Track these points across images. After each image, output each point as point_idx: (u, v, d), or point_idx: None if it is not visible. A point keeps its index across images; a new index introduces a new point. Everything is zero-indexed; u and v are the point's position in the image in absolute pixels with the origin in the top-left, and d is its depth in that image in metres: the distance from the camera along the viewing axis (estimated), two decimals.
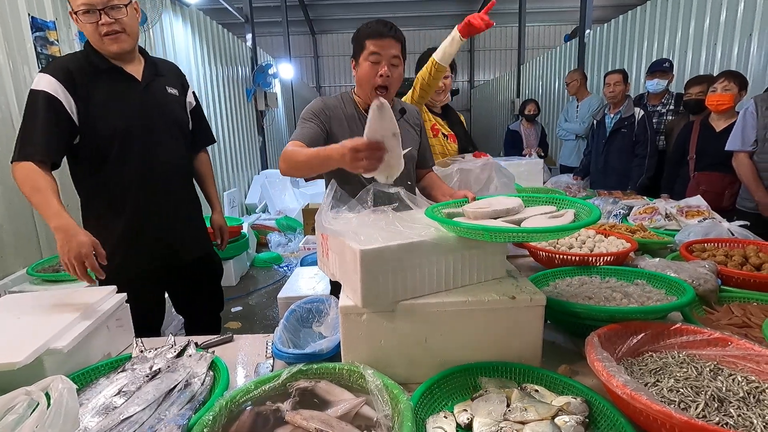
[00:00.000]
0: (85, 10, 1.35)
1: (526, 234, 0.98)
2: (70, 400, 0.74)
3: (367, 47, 1.39)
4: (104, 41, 1.40)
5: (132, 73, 1.49)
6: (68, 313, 1.06)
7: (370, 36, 1.39)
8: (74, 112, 1.39)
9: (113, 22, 1.38)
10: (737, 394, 0.76)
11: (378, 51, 1.38)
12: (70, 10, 1.41)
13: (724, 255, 1.45)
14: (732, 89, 2.55)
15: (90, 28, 1.38)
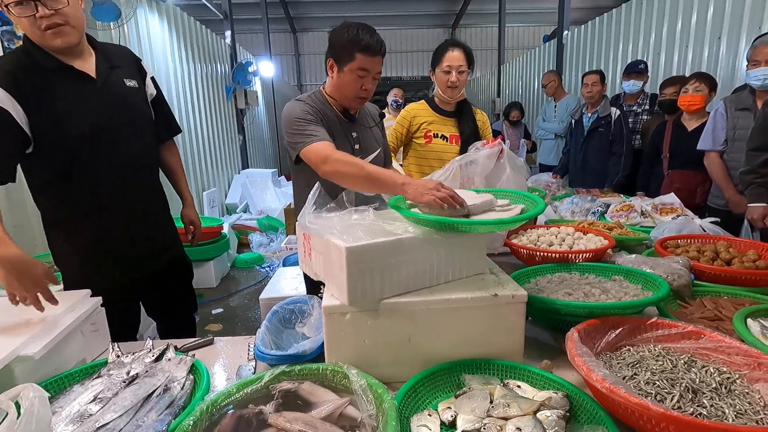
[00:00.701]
0: (18, 1, 1.18)
1: (468, 225, 1.01)
2: (41, 408, 0.71)
3: (356, 59, 1.38)
4: (45, 36, 1.24)
5: (85, 70, 1.33)
6: (40, 319, 1.02)
7: (362, 51, 1.37)
8: (24, 122, 1.23)
9: (53, 14, 1.21)
10: (710, 384, 0.79)
11: (367, 67, 1.40)
12: (0, 3, 1.22)
13: (697, 251, 1.50)
14: (703, 90, 2.64)
15: (26, 22, 1.22)
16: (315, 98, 1.50)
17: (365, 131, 1.59)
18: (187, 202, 1.72)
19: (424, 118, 2.09)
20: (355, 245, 0.90)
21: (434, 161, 2.06)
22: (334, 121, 1.50)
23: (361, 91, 1.44)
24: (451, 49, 1.94)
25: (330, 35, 1.44)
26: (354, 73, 1.40)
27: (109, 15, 2.80)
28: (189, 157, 4.81)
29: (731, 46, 3.34)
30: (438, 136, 2.08)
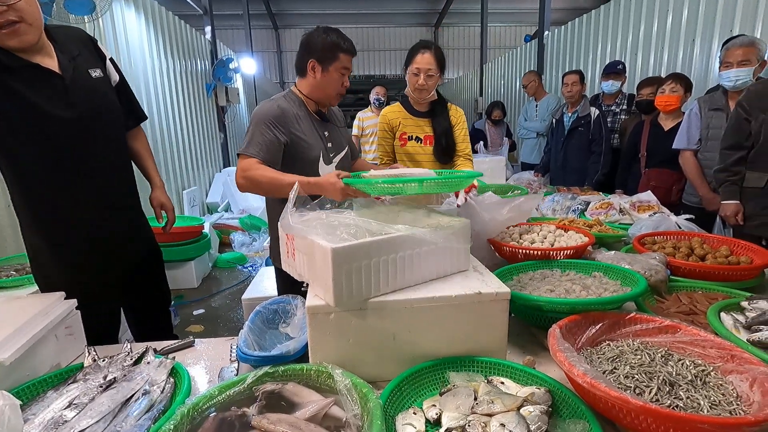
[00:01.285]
0: None
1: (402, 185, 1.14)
2: (12, 417, 0.68)
3: (341, 60, 1.51)
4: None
5: (49, 66, 1.27)
6: (10, 322, 0.98)
7: (346, 52, 1.52)
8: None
9: (5, 10, 1.13)
10: (686, 377, 0.81)
11: (348, 67, 1.55)
12: None
13: (673, 247, 1.55)
14: (678, 91, 2.72)
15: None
16: (290, 99, 1.56)
17: (336, 130, 1.68)
18: (156, 185, 1.67)
19: (399, 120, 2.10)
20: (341, 246, 0.89)
21: (408, 163, 2.08)
22: (308, 119, 1.57)
23: (341, 88, 1.57)
24: (421, 52, 1.93)
25: (308, 39, 1.52)
26: (338, 72, 1.53)
27: (82, 8, 2.71)
28: (168, 156, 4.71)
29: (704, 48, 3.44)
30: (413, 138, 2.08)
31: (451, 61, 13.38)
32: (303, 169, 1.48)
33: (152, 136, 4.29)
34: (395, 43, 12.79)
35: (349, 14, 11.35)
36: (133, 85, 4.01)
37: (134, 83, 3.98)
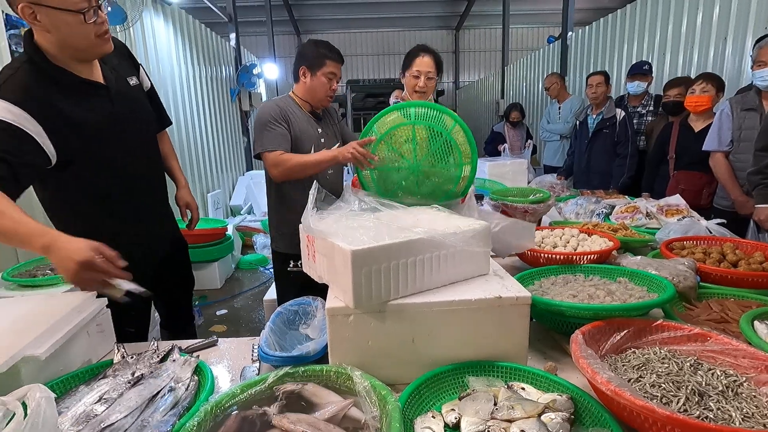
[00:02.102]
0: (83, 10, 1.13)
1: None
2: (48, 409, 0.71)
3: (327, 66, 1.73)
4: (97, 42, 1.21)
5: (94, 79, 1.30)
6: (46, 319, 1.03)
7: (332, 59, 1.74)
8: (43, 140, 1.16)
9: (104, 21, 1.20)
10: (716, 388, 0.78)
11: (335, 72, 1.76)
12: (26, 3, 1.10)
13: (703, 252, 1.49)
14: (710, 91, 2.62)
15: (84, 31, 1.17)
16: (286, 101, 1.79)
17: (329, 127, 1.90)
18: (181, 184, 1.74)
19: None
20: (360, 248, 0.90)
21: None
22: (304, 120, 1.79)
23: (330, 91, 1.78)
24: (421, 55, 1.99)
25: (301, 49, 1.78)
26: (326, 77, 1.74)
27: (115, 18, 2.83)
28: (194, 159, 4.84)
29: (737, 47, 3.31)
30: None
31: (472, 63, 13.32)
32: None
33: (179, 140, 4.42)
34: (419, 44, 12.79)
35: (370, 19, 11.43)
36: (162, 91, 4.16)
37: (162, 89, 4.12)
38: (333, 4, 10.73)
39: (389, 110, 1.54)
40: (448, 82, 13.38)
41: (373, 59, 12.81)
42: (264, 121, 1.70)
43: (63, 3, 1.12)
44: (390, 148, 1.53)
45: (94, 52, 1.25)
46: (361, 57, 12.66)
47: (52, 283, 1.96)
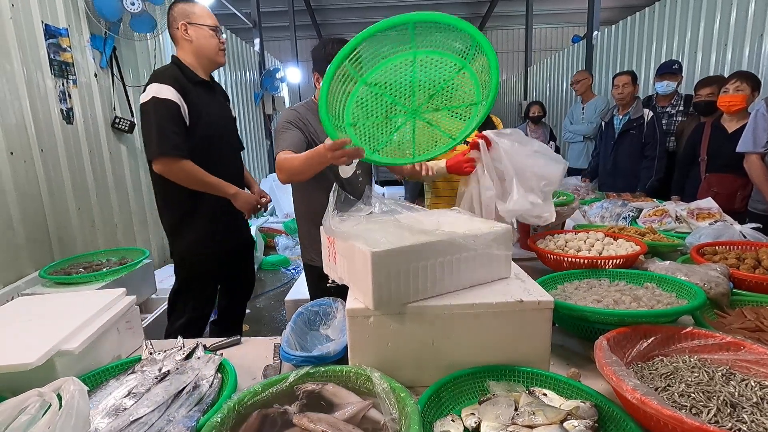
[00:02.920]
0: (216, 29, 1.85)
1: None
2: (81, 401, 0.74)
3: None
4: (218, 54, 1.88)
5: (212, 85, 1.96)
6: (79, 315, 1.08)
7: None
8: (185, 114, 1.77)
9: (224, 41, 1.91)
10: (750, 399, 0.75)
11: None
12: (184, 23, 1.80)
13: (736, 258, 1.43)
14: (744, 90, 2.52)
15: (214, 42, 1.85)
16: (308, 106, 1.70)
17: None
18: (255, 182, 2.27)
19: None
20: (381, 250, 0.91)
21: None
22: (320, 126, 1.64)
23: None
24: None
25: (312, 52, 1.62)
26: None
27: (145, 26, 2.93)
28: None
29: None
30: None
31: None
32: (321, 173, 1.57)
33: None
34: None
35: None
36: None
37: None
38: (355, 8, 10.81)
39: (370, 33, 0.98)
40: None
41: None
42: (279, 127, 1.63)
43: (204, 21, 1.83)
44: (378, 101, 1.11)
45: (215, 60, 1.89)
46: None
47: (85, 281, 2.04)
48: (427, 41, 1.02)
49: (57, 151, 2.47)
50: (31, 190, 2.28)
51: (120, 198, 3.03)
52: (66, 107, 2.55)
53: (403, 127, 1.21)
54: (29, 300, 1.25)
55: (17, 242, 2.18)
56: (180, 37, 1.82)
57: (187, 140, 1.75)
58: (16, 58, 2.23)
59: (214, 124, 1.86)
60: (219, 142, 1.89)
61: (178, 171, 1.75)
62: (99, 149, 2.85)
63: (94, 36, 2.81)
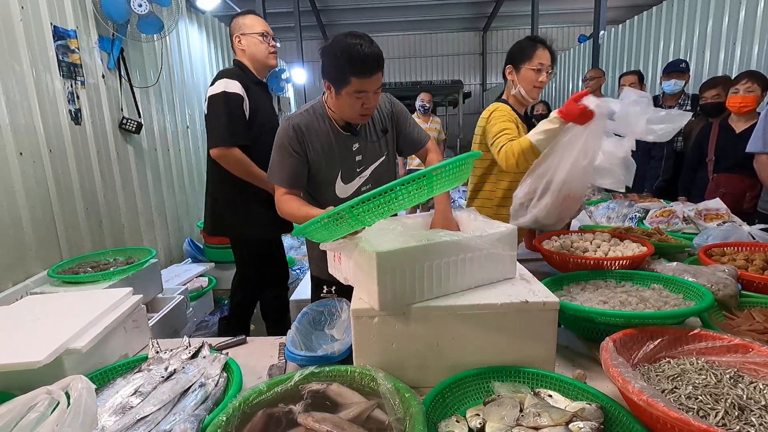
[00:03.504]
0: (265, 35, 2.07)
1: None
2: (89, 399, 0.75)
3: (352, 83, 1.27)
4: (269, 57, 2.09)
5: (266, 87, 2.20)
6: (87, 314, 1.09)
7: (357, 73, 1.26)
8: (246, 108, 1.97)
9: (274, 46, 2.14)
10: (759, 402, 0.75)
11: (365, 89, 1.29)
12: (238, 35, 2.06)
13: (745, 259, 1.42)
14: (755, 90, 2.49)
15: (263, 47, 2.06)
16: (311, 114, 1.45)
17: (370, 141, 1.52)
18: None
19: (518, 123, 1.84)
20: (386, 250, 0.91)
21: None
22: (331, 137, 1.45)
23: (362, 110, 1.35)
24: (541, 47, 1.75)
25: (321, 53, 1.31)
26: (351, 97, 1.31)
27: (152, 27, 2.95)
28: None
29: None
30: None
31: (499, 64, 13.10)
32: (317, 188, 1.52)
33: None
34: (442, 49, 12.74)
35: (397, 22, 11.46)
36: (194, 96, 4.30)
37: (195, 93, 4.26)
38: (360, 8, 10.84)
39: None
40: (475, 84, 13.25)
41: (400, 62, 12.83)
42: (277, 145, 1.44)
43: (253, 30, 2.06)
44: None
45: (266, 63, 2.11)
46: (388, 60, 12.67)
47: (93, 280, 2.06)
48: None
49: (65, 151, 2.49)
50: (40, 191, 2.30)
51: (127, 198, 3.05)
52: (74, 108, 2.58)
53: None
54: (38, 299, 1.27)
55: (26, 242, 2.20)
56: (236, 47, 2.09)
57: (246, 132, 1.96)
58: (25, 60, 2.25)
59: (266, 121, 2.04)
60: (267, 137, 1.94)
61: (232, 159, 1.95)
62: (107, 150, 2.87)
63: (101, 37, 2.84)
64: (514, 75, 1.84)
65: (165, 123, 3.64)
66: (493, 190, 1.93)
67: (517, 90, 1.84)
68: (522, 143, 1.55)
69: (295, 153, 1.42)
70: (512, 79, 1.85)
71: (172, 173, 3.72)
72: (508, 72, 1.87)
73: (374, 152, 1.54)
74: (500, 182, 1.89)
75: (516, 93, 1.85)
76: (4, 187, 2.10)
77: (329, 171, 1.48)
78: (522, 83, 1.81)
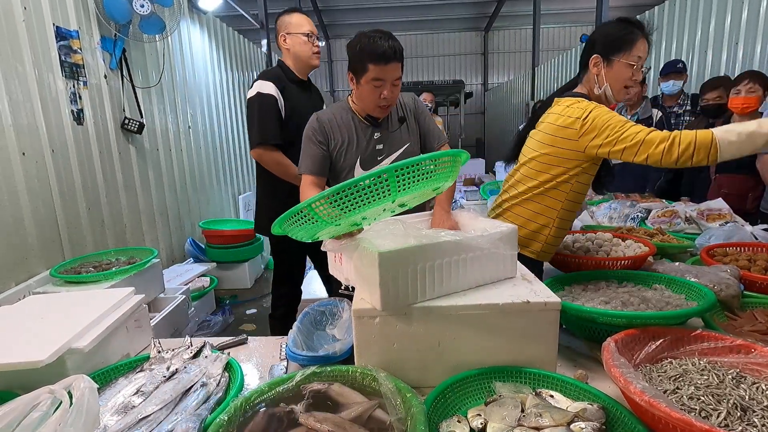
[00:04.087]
0: (310, 35, 2.08)
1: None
2: (91, 399, 0.75)
3: (369, 71, 1.39)
4: (312, 57, 2.10)
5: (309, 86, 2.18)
6: (89, 314, 1.09)
7: (374, 60, 1.37)
8: (281, 107, 2.01)
9: (317, 46, 2.12)
10: (761, 402, 0.74)
11: (381, 77, 1.40)
12: (284, 33, 2.08)
13: (748, 260, 1.41)
14: (757, 91, 2.48)
15: (308, 47, 2.07)
16: (335, 109, 1.59)
17: (392, 132, 1.60)
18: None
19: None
20: (388, 250, 0.91)
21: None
22: (352, 127, 1.56)
23: (380, 100, 1.45)
24: (642, 38, 1.36)
25: (347, 48, 1.46)
26: (370, 84, 1.42)
27: (154, 28, 2.96)
28: (225, 162, 4.98)
29: None
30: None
31: (501, 65, 13.12)
32: (337, 176, 1.60)
33: (212, 144, 4.57)
34: (444, 49, 12.74)
35: (399, 22, 11.47)
36: (195, 96, 4.31)
37: (197, 94, 4.27)
38: (362, 9, 10.85)
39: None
40: (477, 84, 13.24)
41: None
42: (304, 137, 1.56)
43: (299, 30, 2.07)
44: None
45: (309, 63, 2.11)
46: None
47: (95, 280, 2.07)
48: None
49: (68, 151, 2.50)
50: (43, 191, 2.31)
51: (129, 198, 3.06)
52: (76, 108, 2.58)
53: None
54: (40, 299, 1.27)
55: (29, 242, 2.21)
56: (281, 45, 2.12)
57: (282, 131, 2.00)
58: (28, 60, 2.26)
59: (303, 120, 2.01)
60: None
61: (268, 158, 2.01)
62: (109, 150, 2.88)
63: (104, 38, 2.85)
64: (601, 68, 1.37)
65: (167, 123, 3.65)
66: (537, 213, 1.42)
67: (603, 89, 1.39)
68: (703, 136, 1.22)
69: (319, 142, 1.54)
70: (597, 74, 1.38)
71: (174, 173, 3.73)
72: (593, 63, 1.39)
73: (397, 141, 1.60)
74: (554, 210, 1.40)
75: (601, 93, 1.40)
76: (7, 187, 2.10)
77: (349, 158, 1.56)
78: (611, 81, 1.38)
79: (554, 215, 1.40)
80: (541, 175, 1.38)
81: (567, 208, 1.40)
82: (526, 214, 1.43)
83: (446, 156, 0.88)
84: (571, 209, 1.41)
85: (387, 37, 1.38)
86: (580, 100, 1.35)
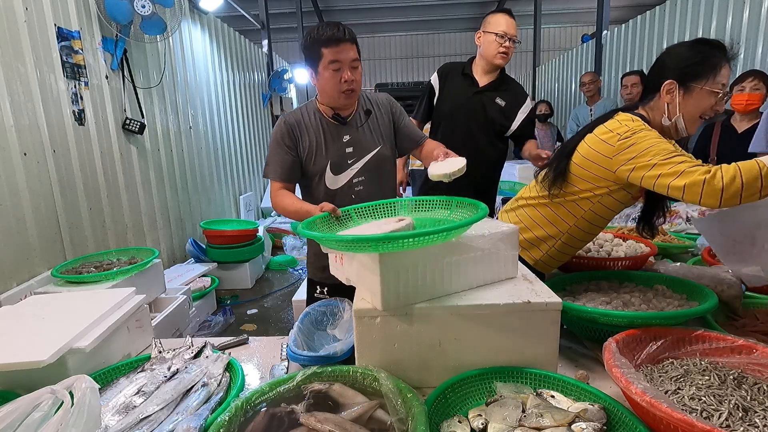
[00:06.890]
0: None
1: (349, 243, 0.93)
2: (92, 399, 0.75)
3: (324, 56, 1.38)
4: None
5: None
6: (90, 314, 1.09)
7: (326, 44, 1.36)
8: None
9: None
10: (763, 403, 0.74)
11: (337, 58, 1.38)
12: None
13: None
14: (762, 89, 2.48)
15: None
16: (303, 110, 1.53)
17: (362, 133, 1.53)
18: None
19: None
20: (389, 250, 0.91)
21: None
22: (319, 129, 1.50)
23: (342, 84, 1.41)
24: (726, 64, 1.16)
25: (301, 48, 1.46)
26: (328, 70, 1.39)
27: (156, 29, 2.96)
28: (227, 162, 4.99)
29: None
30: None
31: None
32: (308, 181, 1.55)
33: (213, 144, 4.58)
34: (444, 49, 12.73)
35: (399, 22, 11.46)
36: (196, 96, 4.32)
37: (198, 94, 4.28)
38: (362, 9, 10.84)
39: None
40: None
41: (402, 62, 12.83)
42: (272, 141, 1.52)
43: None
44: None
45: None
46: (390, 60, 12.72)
47: (96, 280, 2.07)
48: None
49: (69, 152, 2.51)
50: (44, 191, 2.31)
51: (130, 198, 3.07)
52: (78, 109, 2.59)
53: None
54: (41, 299, 1.27)
55: (30, 242, 2.22)
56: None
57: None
58: (29, 61, 2.26)
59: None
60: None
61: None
62: (110, 150, 2.89)
63: (105, 38, 2.85)
64: (676, 96, 1.18)
65: (168, 123, 3.66)
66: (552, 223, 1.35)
67: (674, 120, 1.19)
68: (749, 166, 1.06)
69: (287, 147, 1.48)
70: (670, 102, 1.18)
71: (175, 173, 3.74)
72: (666, 90, 1.18)
73: (367, 143, 1.53)
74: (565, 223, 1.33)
75: (669, 124, 1.21)
76: (9, 187, 2.11)
77: (319, 161, 1.50)
78: (687, 110, 1.18)
79: (565, 228, 1.32)
80: (567, 186, 1.28)
81: (580, 226, 1.31)
82: (536, 217, 1.37)
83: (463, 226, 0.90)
84: (585, 229, 1.32)
85: (336, 23, 1.39)
86: (635, 119, 1.18)
